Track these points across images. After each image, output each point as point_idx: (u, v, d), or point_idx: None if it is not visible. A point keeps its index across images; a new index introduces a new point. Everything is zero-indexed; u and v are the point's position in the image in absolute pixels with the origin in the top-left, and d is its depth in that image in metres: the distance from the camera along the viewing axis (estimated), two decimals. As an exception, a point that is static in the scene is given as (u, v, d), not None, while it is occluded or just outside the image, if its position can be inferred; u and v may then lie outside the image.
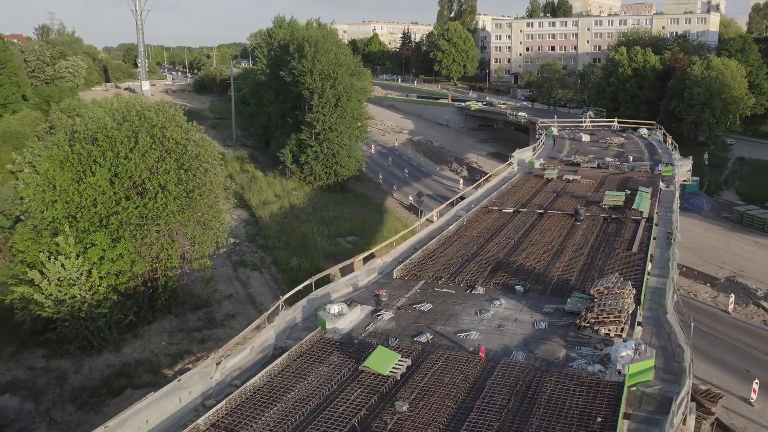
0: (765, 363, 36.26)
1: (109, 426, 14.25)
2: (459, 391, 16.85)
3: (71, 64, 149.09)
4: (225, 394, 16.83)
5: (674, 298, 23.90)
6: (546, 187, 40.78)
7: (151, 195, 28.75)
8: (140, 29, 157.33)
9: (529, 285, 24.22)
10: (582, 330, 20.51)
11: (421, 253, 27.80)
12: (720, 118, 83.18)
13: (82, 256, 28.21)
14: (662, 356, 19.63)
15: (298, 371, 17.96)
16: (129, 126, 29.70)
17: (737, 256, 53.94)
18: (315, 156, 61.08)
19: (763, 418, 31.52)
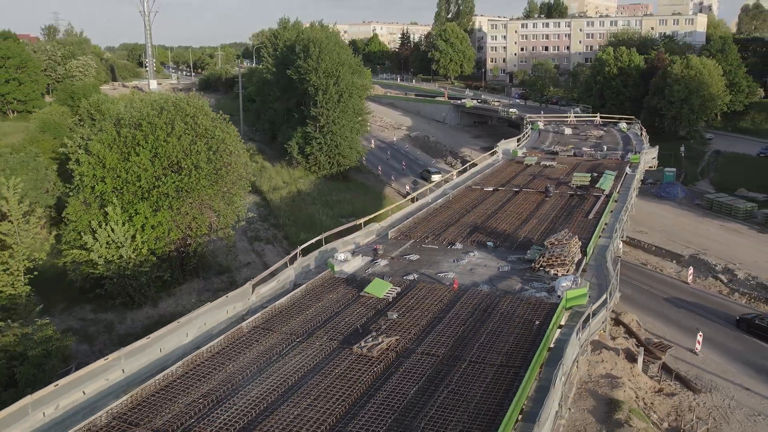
0: (713, 323, 41.61)
1: (181, 321, 19.73)
2: (435, 308, 22.33)
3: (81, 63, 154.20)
4: (260, 310, 22.30)
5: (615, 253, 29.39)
6: (525, 171, 46.23)
7: (185, 172, 34.22)
8: (148, 30, 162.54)
9: (498, 242, 29.70)
10: (536, 271, 25.97)
11: (411, 219, 33.29)
12: (698, 114, 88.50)
13: (127, 224, 33.58)
14: (598, 290, 25.09)
15: (314, 296, 23.45)
16: (167, 114, 35.17)
17: (703, 238, 59.24)
18: (319, 147, 66.57)
19: (704, 364, 36.89)
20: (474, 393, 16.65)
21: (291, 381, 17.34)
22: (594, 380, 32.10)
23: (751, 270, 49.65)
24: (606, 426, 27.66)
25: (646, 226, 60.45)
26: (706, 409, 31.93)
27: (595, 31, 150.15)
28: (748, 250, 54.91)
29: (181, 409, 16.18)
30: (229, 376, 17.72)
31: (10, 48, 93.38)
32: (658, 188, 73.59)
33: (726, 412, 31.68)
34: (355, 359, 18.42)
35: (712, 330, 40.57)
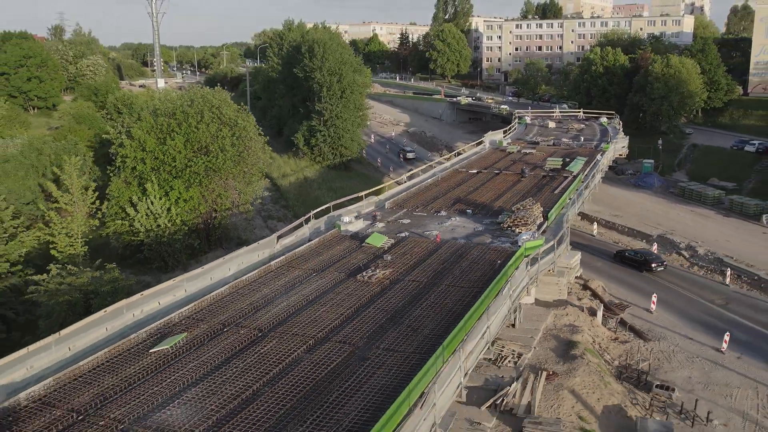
0: (668, 288, 47.49)
1: (225, 258, 25.72)
2: (421, 253, 28.37)
3: (92, 62, 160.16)
4: (281, 249, 28.31)
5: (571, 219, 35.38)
6: (506, 157, 52.28)
7: (213, 154, 40.16)
8: (156, 31, 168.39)
9: (476, 210, 35.72)
10: (504, 230, 31.97)
11: (405, 194, 39.35)
12: (677, 110, 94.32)
13: (164, 198, 39.44)
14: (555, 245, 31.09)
15: (325, 246, 29.51)
16: (197, 105, 41.09)
17: (672, 221, 65.17)
18: (323, 139, 72.48)
19: (657, 320, 42.77)
20: (448, 303, 22.66)
21: (311, 297, 23.36)
22: (558, 328, 38.09)
23: (711, 247, 55.56)
24: (563, 359, 33.62)
25: (622, 211, 66.38)
26: (652, 353, 37.87)
27: (586, 32, 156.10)
28: (712, 231, 60.87)
29: (231, 314, 22.17)
30: (264, 294, 23.74)
31: (31, 48, 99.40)
32: (636, 178, 79.62)
33: (669, 355, 37.60)
34: (359, 284, 24.44)
35: (666, 293, 46.54)
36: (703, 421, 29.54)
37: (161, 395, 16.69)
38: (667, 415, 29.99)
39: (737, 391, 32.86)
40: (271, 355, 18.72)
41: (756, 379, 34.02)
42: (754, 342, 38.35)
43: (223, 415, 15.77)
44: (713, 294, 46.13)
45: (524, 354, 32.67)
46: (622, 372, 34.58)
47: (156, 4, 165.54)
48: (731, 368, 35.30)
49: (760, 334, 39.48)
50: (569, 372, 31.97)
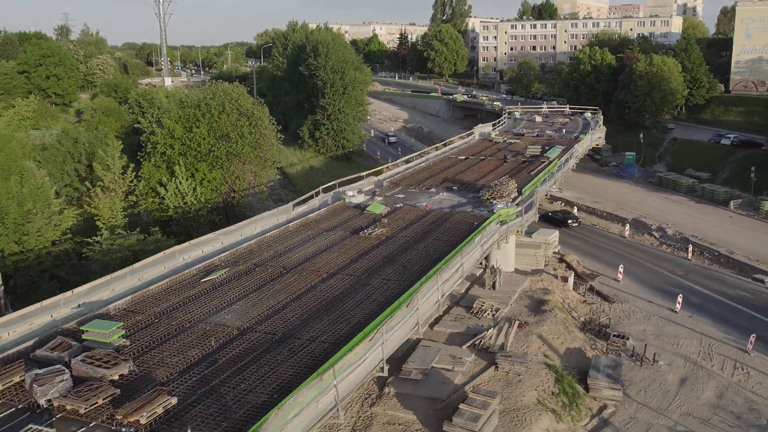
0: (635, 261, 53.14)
1: (253, 219, 31.55)
2: (412, 218, 34.25)
3: (101, 62, 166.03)
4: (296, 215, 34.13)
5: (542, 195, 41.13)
6: (493, 146, 58.11)
7: (233, 141, 45.88)
8: (163, 32, 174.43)
9: (461, 187, 41.51)
10: (484, 202, 37.77)
11: (401, 175, 45.22)
12: (659, 106, 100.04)
13: (190, 179, 45.11)
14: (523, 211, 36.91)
15: (333, 213, 35.36)
16: (219, 97, 46.82)
17: (647, 206, 70.87)
18: (327, 132, 78.18)
19: (622, 287, 48.44)
20: (432, 251, 28.45)
21: (323, 247, 29.24)
22: (533, 291, 43.84)
23: (680, 229, 61.27)
24: (535, 313, 39.38)
25: (603, 198, 72.11)
26: (614, 312, 43.59)
27: (578, 32, 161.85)
28: (682, 215, 66.59)
29: (260, 259, 28.02)
30: (285, 246, 29.58)
31: (50, 47, 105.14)
32: (618, 169, 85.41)
33: (629, 314, 43.31)
34: (361, 239, 30.26)
35: (634, 267, 52.28)
36: (650, 362, 35.24)
37: (215, 307, 22.48)
38: (620, 356, 35.74)
39: (684, 341, 38.57)
40: (294, 284, 24.54)
41: (702, 333, 39.70)
42: (705, 304, 44.02)
43: (262, 318, 21.55)
44: (676, 267, 51.81)
45: (501, 309, 38.45)
46: (586, 325, 40.34)
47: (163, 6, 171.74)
48: (682, 324, 40.98)
49: (712, 298, 45.16)
50: (539, 322, 37.76)
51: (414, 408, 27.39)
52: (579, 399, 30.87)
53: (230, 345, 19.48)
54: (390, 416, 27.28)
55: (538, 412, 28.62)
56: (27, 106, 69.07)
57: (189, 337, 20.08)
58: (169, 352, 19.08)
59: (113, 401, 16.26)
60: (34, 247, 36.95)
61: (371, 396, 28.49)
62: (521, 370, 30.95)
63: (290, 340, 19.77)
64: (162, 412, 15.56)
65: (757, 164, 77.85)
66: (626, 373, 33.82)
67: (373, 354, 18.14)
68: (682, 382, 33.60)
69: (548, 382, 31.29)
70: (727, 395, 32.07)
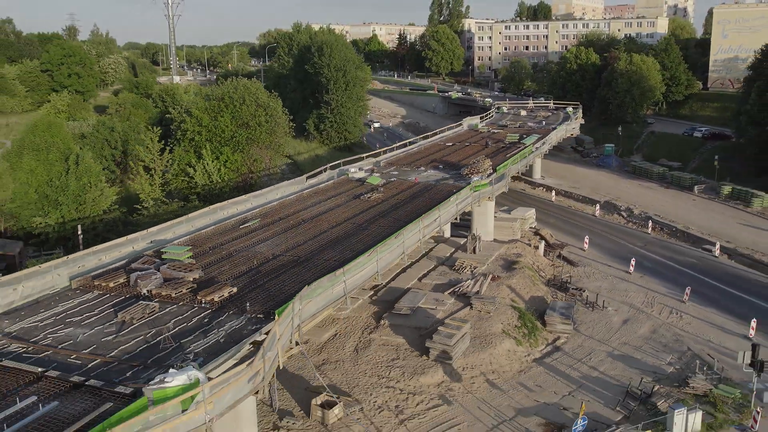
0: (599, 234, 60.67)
1: (277, 186, 39.26)
2: (403, 188, 41.94)
3: (113, 61, 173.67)
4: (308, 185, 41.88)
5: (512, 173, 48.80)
6: (477, 135, 65.84)
7: (252, 128, 53.50)
8: (172, 32, 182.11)
9: (446, 166, 49.20)
10: (463, 176, 45.43)
11: (395, 157, 53.04)
12: (639, 102, 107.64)
13: (215, 161, 52.68)
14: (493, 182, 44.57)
15: (339, 185, 43.11)
16: (240, 92, 54.44)
17: (620, 191, 78.50)
18: (331, 124, 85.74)
19: (587, 255, 56.06)
20: (418, 208, 36.13)
21: (331, 207, 36.92)
22: (508, 255, 51.44)
23: (646, 209, 68.87)
24: (507, 270, 47.01)
25: (580, 184, 79.72)
26: (577, 272, 51.18)
27: (569, 33, 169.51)
28: (650, 198, 74.19)
29: (283, 214, 35.68)
30: (301, 206, 37.28)
31: (71, 48, 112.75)
32: (598, 159, 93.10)
33: (589, 274, 50.91)
34: (361, 201, 38.01)
35: (600, 239, 59.87)
36: (600, 308, 42.78)
37: (252, 242, 30.15)
38: (575, 303, 43.28)
39: (632, 294, 46.09)
40: (311, 229, 32.30)
41: (649, 288, 47.21)
42: (656, 268, 51.55)
43: (288, 249, 29.21)
44: (636, 239, 59.40)
45: (479, 267, 46.10)
46: (550, 281, 47.98)
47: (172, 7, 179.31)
48: (633, 282, 48.50)
49: (663, 263, 52.69)
50: (509, 276, 45.42)
51: (403, 334, 35.13)
52: (537, 331, 38.53)
53: (267, 264, 27.13)
54: (384, 340, 35.02)
55: (502, 338, 36.35)
56: (61, 101, 76.63)
57: (237, 259, 27.76)
58: (224, 267, 26.73)
59: (192, 291, 23.89)
60: (89, 215, 44.56)
61: (370, 327, 36.27)
62: (491, 309, 38.57)
63: (310, 260, 27.42)
64: (227, 296, 23.19)
65: (722, 154, 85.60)
66: (579, 316, 41.32)
67: (371, 266, 25.75)
68: (624, 322, 41.18)
69: (513, 318, 38.94)
70: (660, 331, 39.66)
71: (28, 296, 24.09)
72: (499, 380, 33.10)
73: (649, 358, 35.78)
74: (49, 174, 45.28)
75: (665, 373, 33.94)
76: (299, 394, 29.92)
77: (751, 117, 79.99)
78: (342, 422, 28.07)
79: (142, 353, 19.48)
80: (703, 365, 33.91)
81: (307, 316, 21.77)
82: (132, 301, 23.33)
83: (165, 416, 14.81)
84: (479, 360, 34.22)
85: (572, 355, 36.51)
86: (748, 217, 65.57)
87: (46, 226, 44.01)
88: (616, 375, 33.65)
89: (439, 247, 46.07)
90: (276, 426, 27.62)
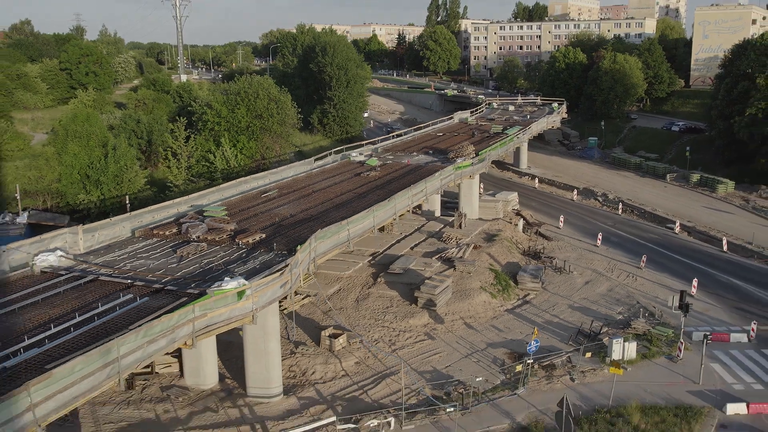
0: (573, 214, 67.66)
1: (291, 165, 46.44)
2: (398, 168, 49.12)
3: (123, 60, 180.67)
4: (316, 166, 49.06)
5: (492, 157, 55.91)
6: (466, 127, 73.00)
7: (265, 119, 60.62)
8: (180, 32, 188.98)
9: (436, 152, 56.32)
10: (449, 159, 52.55)
11: (391, 144, 60.35)
12: (622, 99, 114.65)
13: (233, 148, 59.75)
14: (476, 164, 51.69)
15: (342, 166, 50.32)
16: (254, 87, 61.64)
17: (599, 179, 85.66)
18: (333, 119, 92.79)
19: (562, 232, 63.13)
20: (408, 183, 43.28)
21: (337, 182, 44.10)
22: (490, 230, 58.59)
23: (620, 194, 76.01)
24: (488, 241, 54.13)
25: (563, 173, 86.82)
26: (551, 246, 58.26)
27: (561, 33, 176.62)
28: (625, 185, 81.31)
29: (296, 187, 42.77)
30: (311, 181, 44.44)
31: (88, 47, 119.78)
32: (581, 151, 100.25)
33: (561, 247, 57.98)
34: (361, 178, 45.22)
35: (575, 219, 66.94)
36: (567, 272, 49.78)
37: (273, 206, 37.32)
38: (545, 268, 50.27)
39: (596, 262, 53.01)
40: (320, 197, 39.47)
41: (612, 258, 54.18)
42: (621, 242, 58.47)
43: (302, 210, 36.38)
44: (607, 219, 66.46)
45: (463, 239, 53.15)
46: (526, 251, 55.06)
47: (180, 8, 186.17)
48: (599, 253, 55.47)
49: (628, 238, 59.60)
50: (489, 246, 52.51)
51: (396, 289, 42.21)
52: (510, 288, 45.58)
53: (286, 220, 34.27)
54: (380, 293, 42.13)
55: (480, 292, 43.43)
56: (87, 96, 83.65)
57: (261, 217, 34.98)
58: (252, 222, 33.88)
59: (230, 236, 31.07)
60: (126, 193, 51.68)
61: (368, 284, 43.35)
62: (471, 270, 45.62)
63: (320, 218, 34.61)
64: (258, 239, 30.32)
65: (695, 146, 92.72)
66: (548, 278, 48.18)
67: (369, 220, 32.84)
68: (586, 283, 48.13)
69: (489, 278, 45.98)
70: (615, 289, 46.65)
71: (102, 242, 31.21)
72: (475, 323, 40.11)
73: (603, 309, 42.70)
74: (90, 158, 52.43)
75: (614, 319, 40.98)
76: (310, 332, 37.09)
77: (720, 112, 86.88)
78: (345, 350, 35.23)
79: (200, 275, 26.58)
80: (646, 313, 40.98)
81: (320, 252, 28.87)
82: (185, 243, 30.42)
83: (226, 302, 21.82)
84: (459, 308, 41.24)
85: (538, 306, 43.50)
86: (712, 201, 72.72)
87: (88, 203, 51.14)
88: (573, 321, 40.61)
89: (429, 224, 53.10)
90: (293, 351, 34.76)
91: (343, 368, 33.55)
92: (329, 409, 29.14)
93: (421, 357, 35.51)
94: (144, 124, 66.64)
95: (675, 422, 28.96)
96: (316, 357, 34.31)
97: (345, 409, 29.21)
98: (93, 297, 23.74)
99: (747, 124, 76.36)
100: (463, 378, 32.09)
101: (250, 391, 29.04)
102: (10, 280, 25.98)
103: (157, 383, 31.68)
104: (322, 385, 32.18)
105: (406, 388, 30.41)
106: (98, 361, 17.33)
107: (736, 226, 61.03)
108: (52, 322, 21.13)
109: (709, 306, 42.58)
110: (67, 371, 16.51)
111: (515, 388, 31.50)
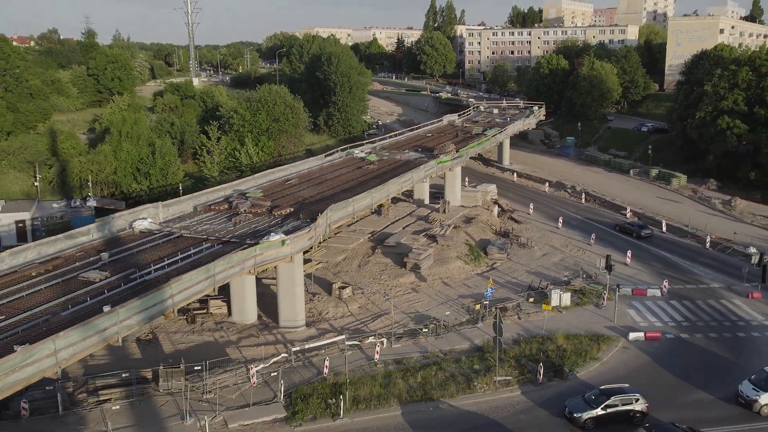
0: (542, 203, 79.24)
1: (305, 161, 58.34)
2: (391, 162, 61.09)
3: (137, 63, 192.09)
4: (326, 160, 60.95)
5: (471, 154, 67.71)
6: (452, 128, 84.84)
7: (282, 122, 72.36)
8: (191, 36, 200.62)
9: (423, 150, 68.10)
10: (434, 156, 64.33)
11: (387, 143, 72.13)
12: (599, 102, 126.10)
13: (255, 147, 71.41)
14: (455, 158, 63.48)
15: (346, 161, 62.15)
16: (273, 95, 73.51)
17: (572, 174, 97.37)
18: (337, 121, 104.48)
19: (531, 217, 74.77)
20: (400, 173, 55.07)
21: (342, 173, 55.93)
22: (469, 215, 70.34)
23: (587, 187, 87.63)
24: (466, 223, 65.91)
25: (540, 169, 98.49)
26: (519, 227, 69.95)
27: (550, 39, 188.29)
28: (594, 180, 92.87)
29: (311, 176, 54.59)
30: (323, 173, 56.23)
31: (114, 54, 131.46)
32: (559, 150, 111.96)
33: (528, 229, 69.64)
34: (362, 170, 57.01)
35: (544, 207, 78.59)
36: (529, 247, 61.36)
37: (297, 190, 49.19)
38: (511, 243, 61.86)
39: (555, 240, 64.45)
40: (331, 184, 51.31)
41: (569, 237, 65.63)
42: (580, 225, 69.91)
43: (318, 193, 48.28)
44: (572, 207, 78.05)
45: (446, 221, 64.91)
46: (498, 231, 66.80)
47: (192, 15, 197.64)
48: (558, 233, 66.95)
49: (586, 222, 71.00)
50: (467, 226, 64.30)
51: (390, 257, 53.84)
52: (481, 257, 57.11)
53: (306, 200, 46.16)
54: (377, 261, 53.80)
55: (456, 260, 55.00)
56: (123, 101, 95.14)
57: (288, 198, 46.93)
58: (283, 201, 45.81)
59: (268, 210, 42.97)
60: (170, 183, 63.50)
61: (368, 254, 55.00)
62: (450, 243, 57.18)
63: (332, 198, 46.60)
64: (288, 212, 42.26)
65: (659, 145, 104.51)
66: (512, 251, 59.52)
67: (368, 199, 44.65)
68: (543, 255, 59.53)
69: (465, 250, 57.52)
70: (566, 260, 58.14)
71: (172, 214, 43.05)
72: (451, 282, 51.66)
73: (553, 274, 54.03)
74: (140, 154, 64.30)
75: (560, 280, 52.50)
76: (324, 287, 48.83)
77: (679, 114, 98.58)
78: (351, 298, 46.93)
79: (251, 234, 38.45)
80: (584, 275, 52.51)
81: (333, 220, 40.77)
82: (236, 214, 42.32)
83: (274, 246, 33.60)
84: (438, 271, 52.84)
85: (502, 271, 54.95)
86: (666, 193, 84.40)
87: (139, 191, 62.96)
88: (528, 281, 52.03)
89: (419, 210, 64.65)
90: (311, 299, 46.49)
91: (349, 310, 45.12)
92: (340, 336, 41.02)
93: (408, 304, 47.09)
94: (177, 126, 78.47)
95: (589, 344, 40.62)
96: (328, 302, 46.01)
97: (351, 336, 41.06)
98: (183, 246, 35.58)
99: (697, 125, 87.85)
100: (437, 316, 43.86)
101: (281, 323, 40.60)
102: (120, 237, 37.87)
103: (212, 320, 43.39)
104: (333, 321, 43.90)
105: (395, 323, 42.12)
106: (204, 274, 29.06)
107: (680, 212, 72.47)
108: (163, 258, 32.94)
109: (638, 271, 53.96)
110: (188, 278, 28.23)
111: (476, 323, 43.17)
